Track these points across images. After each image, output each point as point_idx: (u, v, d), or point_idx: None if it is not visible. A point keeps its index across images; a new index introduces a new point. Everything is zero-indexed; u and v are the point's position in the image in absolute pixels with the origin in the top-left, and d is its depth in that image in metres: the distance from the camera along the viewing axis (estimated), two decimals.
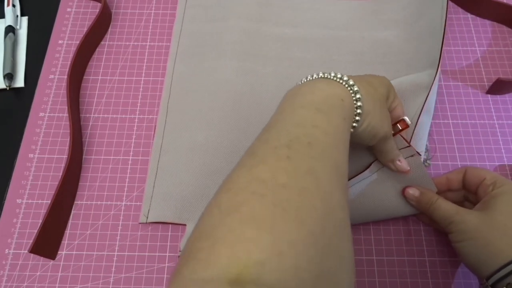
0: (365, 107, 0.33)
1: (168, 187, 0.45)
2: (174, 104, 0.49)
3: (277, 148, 0.28)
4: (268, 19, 0.54)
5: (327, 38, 0.53)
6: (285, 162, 0.27)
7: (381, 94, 0.36)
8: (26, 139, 0.48)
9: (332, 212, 0.26)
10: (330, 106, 0.31)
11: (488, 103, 0.50)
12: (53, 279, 0.42)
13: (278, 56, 0.52)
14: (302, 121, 0.30)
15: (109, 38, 0.55)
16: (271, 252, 0.22)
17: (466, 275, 0.42)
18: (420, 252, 0.43)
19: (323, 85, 0.33)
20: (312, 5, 0.56)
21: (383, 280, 0.42)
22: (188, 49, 0.52)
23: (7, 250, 0.43)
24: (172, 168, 0.45)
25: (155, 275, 0.42)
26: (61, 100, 0.50)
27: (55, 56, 0.53)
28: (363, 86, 0.34)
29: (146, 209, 0.44)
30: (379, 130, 0.35)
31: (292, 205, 0.25)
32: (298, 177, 0.26)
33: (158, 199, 0.44)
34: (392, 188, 0.41)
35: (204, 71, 0.51)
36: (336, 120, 0.31)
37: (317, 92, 0.32)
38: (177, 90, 0.50)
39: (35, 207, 0.45)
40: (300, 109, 0.31)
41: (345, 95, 0.32)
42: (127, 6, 0.57)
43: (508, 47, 0.53)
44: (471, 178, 0.40)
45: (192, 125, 0.48)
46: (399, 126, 0.39)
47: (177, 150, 0.46)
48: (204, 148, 0.46)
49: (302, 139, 0.28)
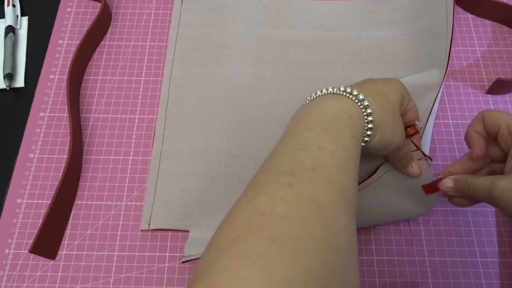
0: (376, 121, 0.32)
1: (170, 194, 0.44)
2: (173, 109, 0.49)
3: (279, 175, 0.27)
4: (263, 22, 0.54)
5: (324, 39, 0.53)
6: (286, 191, 0.26)
7: (393, 104, 0.35)
8: (26, 139, 0.48)
9: (335, 240, 0.25)
10: (339, 124, 0.30)
11: (488, 103, 0.50)
12: (53, 279, 0.42)
13: (275, 58, 0.52)
14: (307, 144, 0.29)
15: (109, 38, 0.55)
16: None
17: (466, 275, 0.42)
18: (420, 252, 0.43)
19: (331, 102, 0.32)
20: (307, 7, 0.56)
21: (383, 280, 0.42)
22: (185, 55, 0.52)
23: (7, 250, 0.43)
24: (172, 174, 0.45)
25: (155, 275, 0.42)
26: (61, 100, 0.50)
27: (55, 56, 0.53)
28: (374, 97, 0.33)
29: (148, 216, 0.44)
30: (392, 142, 0.34)
31: (290, 238, 0.23)
32: (299, 206, 0.25)
33: (159, 206, 0.44)
34: (399, 190, 0.41)
35: (202, 76, 0.51)
36: (344, 139, 0.30)
37: (325, 110, 0.31)
38: (175, 95, 0.50)
39: (35, 207, 0.45)
40: (306, 131, 0.30)
41: (355, 111, 0.31)
42: (127, 6, 0.57)
43: (508, 47, 0.53)
44: (489, 127, 0.36)
45: (191, 131, 0.47)
46: (410, 131, 0.39)
47: (177, 156, 0.46)
48: (204, 153, 0.46)
49: (306, 164, 0.27)
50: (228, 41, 0.52)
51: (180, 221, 0.43)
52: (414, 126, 0.39)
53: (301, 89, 0.50)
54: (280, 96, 0.49)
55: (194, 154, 0.46)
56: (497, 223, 0.44)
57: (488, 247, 0.43)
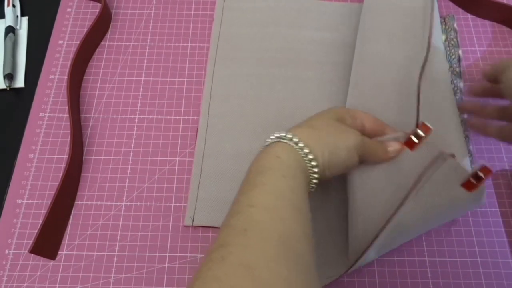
0: (310, 142, 0.32)
1: (213, 191, 0.45)
2: (216, 108, 0.49)
3: (212, 253, 0.26)
4: (306, 24, 0.54)
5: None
6: (217, 268, 0.25)
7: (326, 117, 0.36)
8: (26, 139, 0.48)
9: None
10: (266, 171, 0.30)
11: None
12: (53, 279, 0.42)
13: (319, 60, 0.52)
14: (239, 208, 0.29)
15: (109, 38, 0.55)
16: None
17: (466, 275, 0.42)
18: (420, 252, 0.43)
19: (260, 154, 0.33)
20: (350, 10, 0.55)
21: (383, 281, 0.42)
22: (228, 53, 0.53)
23: (7, 250, 0.43)
24: (216, 172, 0.46)
25: (155, 275, 0.42)
26: (61, 100, 0.50)
27: (55, 56, 0.53)
28: (300, 125, 0.34)
29: (192, 212, 0.44)
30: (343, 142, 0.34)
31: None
32: (229, 277, 0.24)
33: (204, 202, 0.45)
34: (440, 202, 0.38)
35: (245, 76, 0.51)
36: (273, 184, 0.30)
37: (252, 167, 0.32)
38: (217, 93, 0.50)
39: (35, 207, 0.45)
40: (238, 195, 0.30)
41: (281, 150, 0.32)
42: (127, 6, 0.57)
43: (508, 47, 0.53)
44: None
45: (235, 131, 0.48)
46: (421, 132, 0.37)
47: (220, 155, 0.47)
48: (249, 157, 0.45)
49: (238, 228, 0.27)
50: (271, 44, 0.53)
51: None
52: (425, 125, 0.37)
53: (346, 91, 0.49)
54: (324, 97, 0.50)
55: (239, 155, 0.47)
56: (497, 223, 0.44)
57: (488, 247, 0.43)
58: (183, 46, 0.54)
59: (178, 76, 0.52)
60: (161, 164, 0.47)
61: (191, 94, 0.51)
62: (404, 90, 0.43)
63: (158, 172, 0.47)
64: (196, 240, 0.44)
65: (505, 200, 0.45)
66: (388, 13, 0.48)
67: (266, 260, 0.26)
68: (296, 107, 0.49)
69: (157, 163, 0.47)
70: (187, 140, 0.48)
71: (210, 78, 0.51)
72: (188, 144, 0.48)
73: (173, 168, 0.47)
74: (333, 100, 0.49)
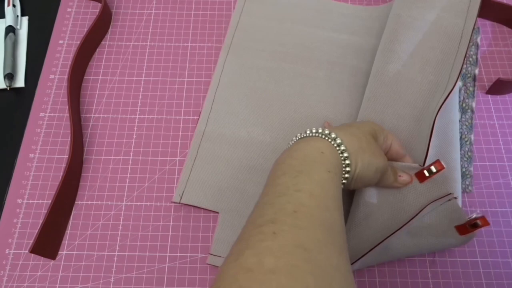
0: (350, 148, 0.33)
1: (206, 174, 0.46)
2: (222, 94, 0.50)
3: (262, 226, 0.26)
4: (324, 24, 0.54)
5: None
6: (270, 241, 0.25)
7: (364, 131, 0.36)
8: (27, 139, 0.48)
9: (328, 282, 0.24)
10: (311, 163, 0.31)
11: (488, 103, 0.50)
12: (53, 279, 0.42)
13: (331, 61, 0.52)
14: (284, 190, 0.29)
15: (109, 38, 0.55)
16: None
17: (466, 275, 0.42)
18: None
19: (302, 144, 0.33)
20: (371, 13, 0.55)
21: (383, 280, 0.42)
22: (242, 42, 0.53)
23: (8, 250, 0.43)
24: (212, 156, 0.47)
25: (156, 275, 0.42)
26: (61, 100, 0.50)
27: (56, 56, 0.53)
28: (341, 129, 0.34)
29: (181, 190, 0.45)
30: (376, 163, 0.35)
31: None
32: (286, 254, 0.24)
33: (194, 183, 0.45)
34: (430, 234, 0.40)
35: (256, 68, 0.52)
36: (320, 175, 0.30)
37: (295, 154, 0.32)
38: (226, 80, 0.51)
39: (36, 207, 0.45)
40: (281, 177, 0.30)
41: (325, 146, 0.32)
42: (127, 6, 0.57)
43: (508, 47, 0.53)
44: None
45: (237, 119, 0.49)
46: (433, 169, 0.38)
47: (218, 140, 0.47)
48: (246, 143, 0.47)
49: (287, 209, 0.27)
50: (286, 40, 0.53)
51: (212, 202, 0.44)
52: (439, 162, 0.38)
53: (352, 95, 0.49)
54: (330, 98, 0.50)
55: (236, 142, 0.47)
56: (497, 223, 0.44)
57: (488, 247, 0.43)
58: (183, 46, 0.54)
59: (178, 76, 0.52)
60: (162, 164, 0.47)
61: (191, 94, 0.51)
62: (420, 116, 0.42)
63: (158, 172, 0.47)
64: (196, 240, 0.44)
65: (505, 200, 0.45)
66: (428, 36, 0.45)
67: (320, 244, 0.26)
68: (300, 104, 0.49)
69: (158, 163, 0.47)
70: (188, 140, 0.48)
71: (221, 65, 0.52)
72: (188, 144, 0.48)
73: (174, 168, 0.47)
74: (338, 102, 0.49)
